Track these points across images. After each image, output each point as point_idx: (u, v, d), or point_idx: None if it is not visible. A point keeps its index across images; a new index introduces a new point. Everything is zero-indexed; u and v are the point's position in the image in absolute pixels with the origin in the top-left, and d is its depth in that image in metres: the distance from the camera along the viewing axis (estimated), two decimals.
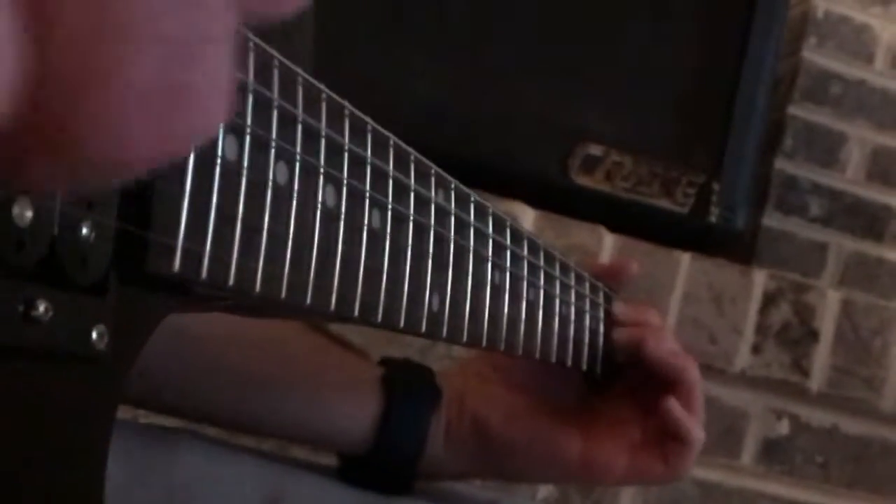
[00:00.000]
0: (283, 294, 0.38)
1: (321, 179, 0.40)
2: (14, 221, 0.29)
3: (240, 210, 0.36)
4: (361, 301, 0.43)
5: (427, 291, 0.47)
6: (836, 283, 1.64)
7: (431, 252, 0.48)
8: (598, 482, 0.73)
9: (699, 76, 1.45)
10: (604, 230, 1.35)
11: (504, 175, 1.31)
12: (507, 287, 0.56)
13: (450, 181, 0.50)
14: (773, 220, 1.65)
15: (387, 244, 0.44)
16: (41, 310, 0.31)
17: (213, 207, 0.35)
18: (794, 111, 1.66)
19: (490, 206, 0.54)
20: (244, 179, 0.36)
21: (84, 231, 0.32)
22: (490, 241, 0.54)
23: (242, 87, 0.36)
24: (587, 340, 0.67)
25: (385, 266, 0.44)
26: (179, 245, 0.34)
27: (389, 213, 0.45)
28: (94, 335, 0.33)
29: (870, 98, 1.69)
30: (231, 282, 0.36)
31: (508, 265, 0.56)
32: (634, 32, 1.44)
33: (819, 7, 1.68)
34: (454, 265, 0.50)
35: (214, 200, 0.35)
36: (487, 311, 0.54)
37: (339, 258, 0.41)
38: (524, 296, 0.58)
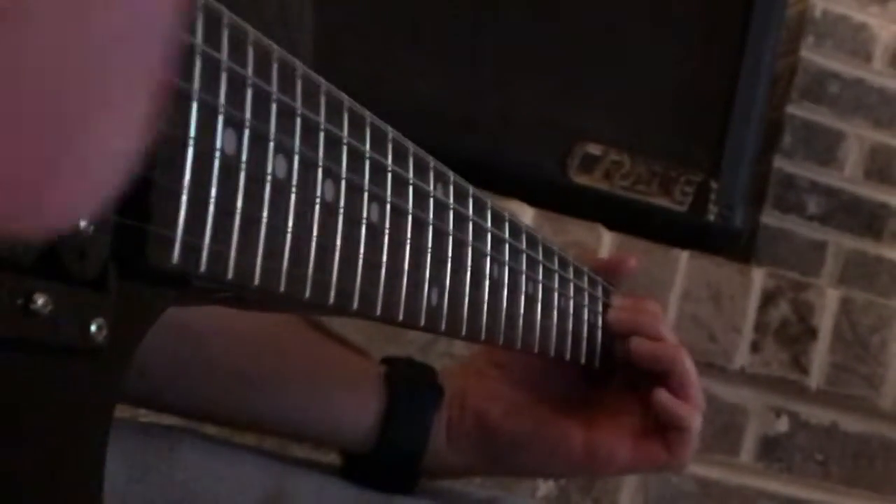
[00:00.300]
0: (282, 287, 0.38)
1: (320, 173, 0.40)
2: None
3: (239, 203, 0.36)
4: (360, 294, 0.43)
5: (426, 285, 0.48)
6: (835, 281, 1.64)
7: (430, 245, 0.48)
8: (603, 471, 0.73)
9: (697, 75, 1.45)
10: (603, 229, 1.35)
11: (503, 174, 1.30)
12: (506, 281, 0.56)
13: (448, 175, 0.50)
14: (772, 219, 1.65)
15: (386, 238, 0.44)
16: (40, 303, 0.31)
17: (212, 201, 0.35)
18: (793, 110, 1.66)
19: (489, 200, 0.54)
20: (243, 173, 0.36)
21: (83, 224, 0.32)
22: (489, 235, 0.54)
23: (242, 81, 0.36)
24: (586, 334, 0.68)
25: (384, 259, 0.44)
26: (178, 238, 0.34)
27: (388, 207, 0.45)
28: (94, 328, 0.33)
29: (868, 97, 1.69)
30: (230, 275, 0.36)
31: (507, 259, 0.56)
32: (633, 32, 1.44)
33: (817, 6, 1.68)
34: (453, 259, 0.50)
35: (213, 194, 0.35)
36: (486, 305, 0.54)
37: (338, 251, 0.41)
38: (523, 289, 0.58)
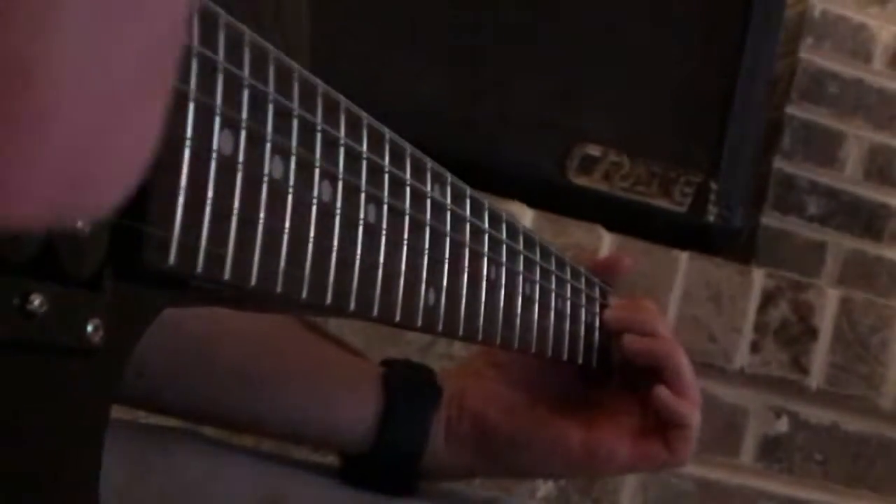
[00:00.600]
0: (280, 288, 0.38)
1: (317, 174, 0.40)
2: None
3: (235, 204, 0.36)
4: (357, 295, 0.43)
5: (423, 285, 0.48)
6: (835, 282, 1.64)
7: (427, 246, 0.48)
8: (602, 471, 0.73)
9: (697, 76, 1.45)
10: (602, 230, 1.35)
11: (502, 175, 1.30)
12: (504, 281, 0.56)
13: (446, 175, 0.50)
14: (772, 219, 1.65)
15: (383, 238, 0.44)
16: (36, 303, 0.31)
17: (209, 202, 0.35)
18: (792, 110, 1.66)
19: (486, 201, 0.55)
20: (240, 174, 0.36)
21: (79, 225, 0.32)
22: (486, 236, 0.54)
23: (238, 82, 0.36)
24: (583, 334, 0.68)
25: (381, 260, 0.44)
26: (175, 239, 0.34)
27: (385, 208, 0.45)
28: (90, 328, 0.33)
29: (867, 97, 1.69)
30: (227, 276, 0.36)
31: (504, 259, 0.56)
32: (633, 32, 1.44)
33: (816, 7, 1.68)
34: (450, 259, 0.50)
35: (210, 195, 0.35)
36: (483, 306, 0.54)
37: (336, 252, 0.41)
38: (520, 290, 0.58)
